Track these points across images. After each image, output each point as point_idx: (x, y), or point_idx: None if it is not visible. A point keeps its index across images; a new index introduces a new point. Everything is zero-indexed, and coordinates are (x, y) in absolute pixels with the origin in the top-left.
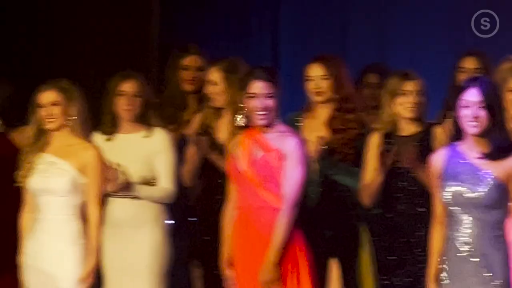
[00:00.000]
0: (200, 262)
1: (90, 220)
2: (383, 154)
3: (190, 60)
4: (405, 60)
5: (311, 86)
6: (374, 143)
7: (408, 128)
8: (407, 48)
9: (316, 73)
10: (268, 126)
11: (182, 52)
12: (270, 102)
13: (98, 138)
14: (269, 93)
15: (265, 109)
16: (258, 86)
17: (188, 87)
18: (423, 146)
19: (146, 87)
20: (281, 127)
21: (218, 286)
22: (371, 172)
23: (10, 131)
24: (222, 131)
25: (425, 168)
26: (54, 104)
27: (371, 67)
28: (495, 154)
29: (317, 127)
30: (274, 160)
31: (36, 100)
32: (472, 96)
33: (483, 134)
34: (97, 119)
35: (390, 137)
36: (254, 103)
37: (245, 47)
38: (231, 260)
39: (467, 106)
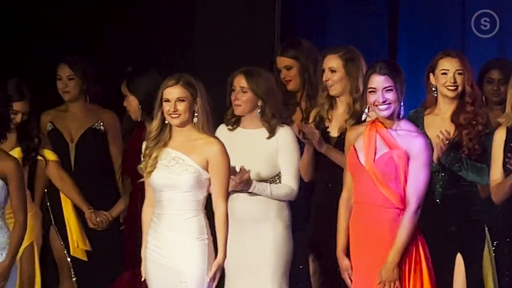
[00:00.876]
0: (316, 257)
1: (216, 215)
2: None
3: (278, 62)
4: None
5: (445, 80)
6: (500, 139)
7: None
8: None
9: (453, 67)
10: (392, 120)
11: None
12: (390, 96)
13: (223, 130)
14: (389, 86)
15: (385, 102)
16: (378, 80)
17: (288, 87)
18: None
19: (257, 83)
20: (407, 125)
21: (335, 280)
22: (499, 169)
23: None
24: (336, 121)
25: None
26: (180, 99)
27: (493, 63)
28: None
29: (441, 123)
30: (399, 159)
31: (162, 94)
32: None
33: None
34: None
35: None
36: (374, 97)
37: (363, 44)
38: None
39: None
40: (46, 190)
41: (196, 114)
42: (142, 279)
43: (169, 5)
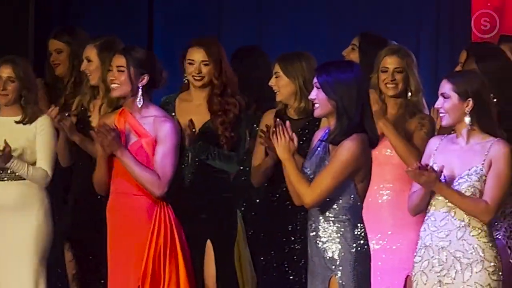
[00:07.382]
0: (71, 245)
1: None
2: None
3: (50, 44)
4: (283, 43)
5: (191, 70)
6: (264, 123)
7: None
8: (284, 31)
9: (198, 58)
10: (140, 107)
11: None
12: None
13: None
14: (120, 66)
15: (114, 81)
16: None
17: (56, 71)
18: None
19: (23, 72)
20: (155, 110)
21: (90, 269)
22: (260, 153)
23: None
24: (96, 111)
25: None
26: None
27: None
28: None
29: (192, 110)
30: (148, 146)
31: None
32: None
33: None
34: None
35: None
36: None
37: (122, 30)
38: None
39: None
40: None
41: None
42: None
43: None
